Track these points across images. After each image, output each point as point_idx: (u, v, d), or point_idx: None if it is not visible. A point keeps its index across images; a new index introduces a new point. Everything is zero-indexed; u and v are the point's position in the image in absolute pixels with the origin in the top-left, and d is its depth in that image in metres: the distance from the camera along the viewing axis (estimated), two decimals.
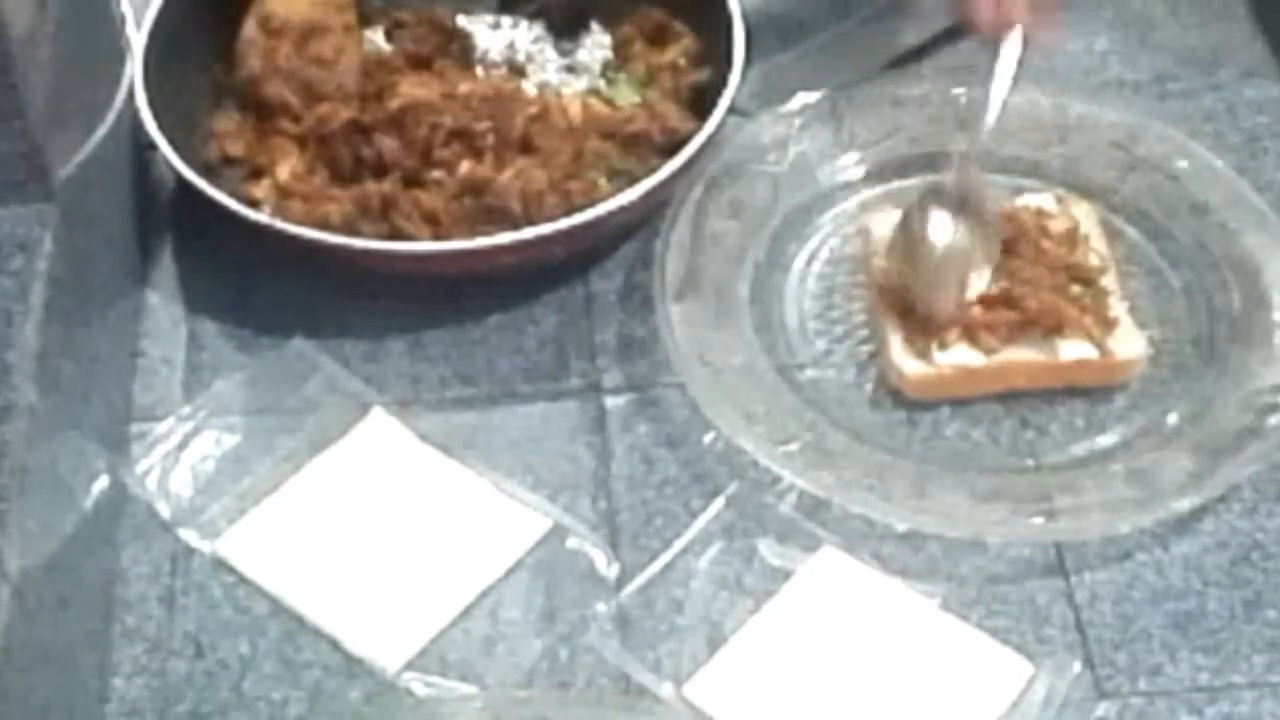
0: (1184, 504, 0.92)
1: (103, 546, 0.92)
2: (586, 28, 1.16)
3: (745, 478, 0.94)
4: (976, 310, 0.97)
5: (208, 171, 1.05)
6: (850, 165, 1.08)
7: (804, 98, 1.09)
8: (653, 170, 1.02)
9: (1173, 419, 0.97)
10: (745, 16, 1.08)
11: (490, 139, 1.05)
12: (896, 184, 1.08)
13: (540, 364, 1.01)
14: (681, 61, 1.11)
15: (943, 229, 0.98)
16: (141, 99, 1.04)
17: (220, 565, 0.92)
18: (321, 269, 1.02)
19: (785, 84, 1.10)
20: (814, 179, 1.08)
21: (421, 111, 1.05)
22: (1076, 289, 0.99)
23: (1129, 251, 1.04)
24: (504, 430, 0.98)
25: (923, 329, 0.97)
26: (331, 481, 0.95)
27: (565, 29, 1.16)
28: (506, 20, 1.17)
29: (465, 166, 1.04)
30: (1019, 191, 1.06)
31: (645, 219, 1.04)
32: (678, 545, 0.91)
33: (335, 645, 0.89)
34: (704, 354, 0.97)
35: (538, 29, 1.16)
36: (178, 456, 0.95)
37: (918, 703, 0.86)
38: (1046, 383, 0.98)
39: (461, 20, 1.15)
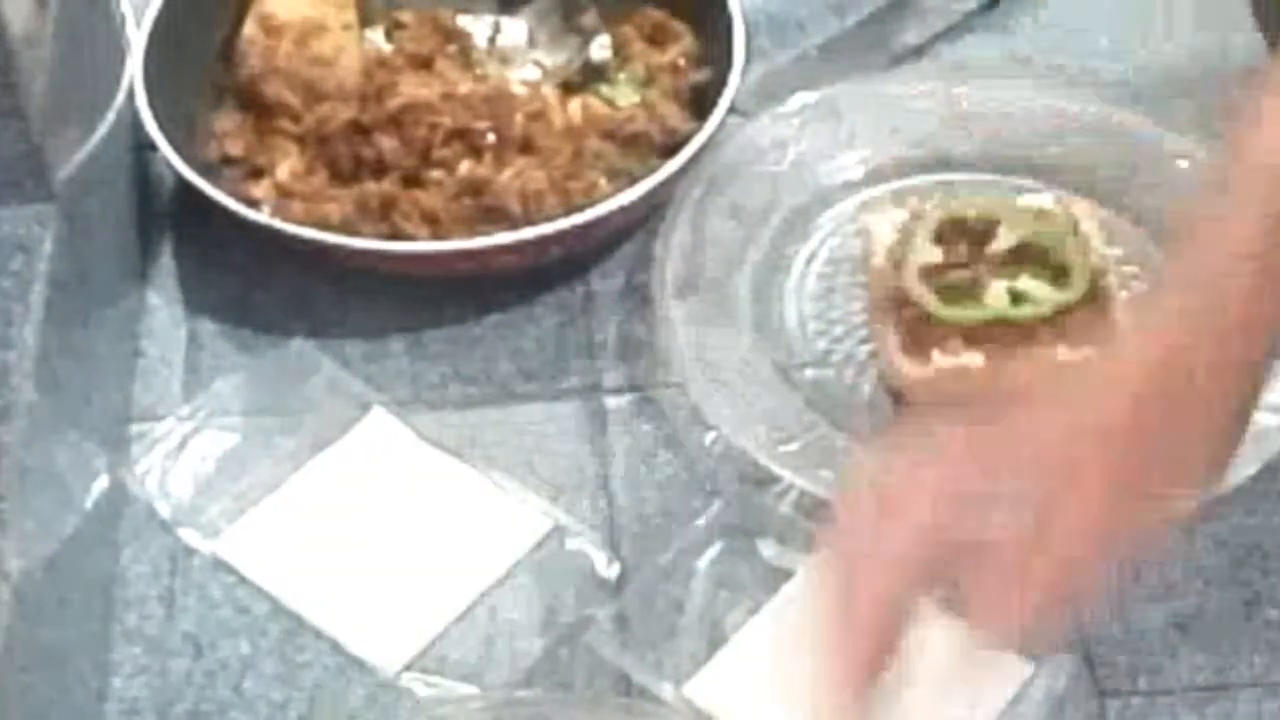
0: (1184, 504, 0.91)
1: (103, 546, 0.92)
2: None
3: (745, 478, 0.94)
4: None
5: (208, 171, 1.04)
6: (850, 165, 1.08)
7: (804, 98, 1.09)
8: (653, 170, 1.02)
9: None
10: (745, 16, 1.08)
11: (490, 139, 1.05)
12: (896, 184, 1.07)
13: (540, 364, 1.01)
14: (681, 61, 1.11)
15: None
16: (141, 99, 1.04)
17: (220, 565, 0.92)
18: (321, 269, 1.02)
19: (785, 84, 1.10)
20: (814, 179, 1.07)
21: (421, 111, 1.05)
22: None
23: (1129, 251, 1.04)
24: (504, 430, 0.98)
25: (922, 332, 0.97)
26: (331, 481, 0.95)
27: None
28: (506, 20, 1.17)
29: (465, 166, 1.04)
30: (1019, 191, 1.06)
31: (645, 219, 1.04)
32: (678, 545, 0.91)
33: (335, 645, 0.89)
34: (704, 354, 0.97)
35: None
36: (178, 456, 0.95)
37: (917, 703, 0.86)
38: None
39: (461, 20, 1.15)
